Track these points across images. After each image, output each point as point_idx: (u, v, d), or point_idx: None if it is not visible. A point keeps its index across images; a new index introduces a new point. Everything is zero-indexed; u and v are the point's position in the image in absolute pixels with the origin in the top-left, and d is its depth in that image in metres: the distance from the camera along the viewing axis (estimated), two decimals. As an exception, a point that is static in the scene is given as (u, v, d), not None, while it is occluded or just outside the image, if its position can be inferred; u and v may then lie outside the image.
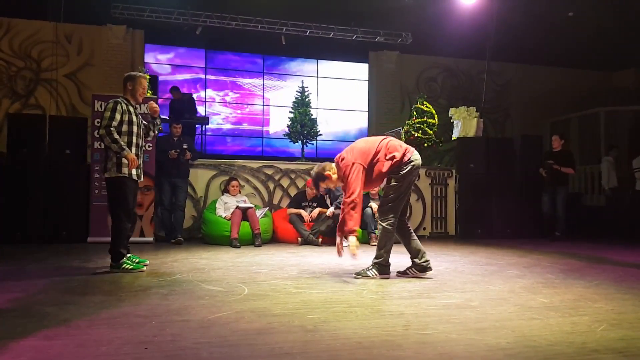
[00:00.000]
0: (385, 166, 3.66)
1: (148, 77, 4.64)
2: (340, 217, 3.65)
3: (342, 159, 3.71)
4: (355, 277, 3.73)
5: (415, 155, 3.72)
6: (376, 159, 3.66)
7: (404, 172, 3.66)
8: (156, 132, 4.48)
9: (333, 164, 3.82)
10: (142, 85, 4.19)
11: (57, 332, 2.23)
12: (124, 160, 3.98)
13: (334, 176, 3.78)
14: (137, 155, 4.09)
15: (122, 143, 3.97)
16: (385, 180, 3.76)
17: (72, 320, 2.44)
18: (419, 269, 3.79)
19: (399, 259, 4.10)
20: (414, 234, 3.86)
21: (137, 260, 4.14)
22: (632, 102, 11.25)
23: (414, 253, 3.80)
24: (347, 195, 3.58)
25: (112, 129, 3.95)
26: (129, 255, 4.10)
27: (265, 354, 1.95)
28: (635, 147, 10.16)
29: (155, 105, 4.38)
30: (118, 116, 3.99)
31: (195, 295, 3.07)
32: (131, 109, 4.12)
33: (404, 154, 3.68)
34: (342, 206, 3.64)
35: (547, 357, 1.95)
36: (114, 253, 4.00)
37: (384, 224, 3.71)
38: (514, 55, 11.58)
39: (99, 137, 4.33)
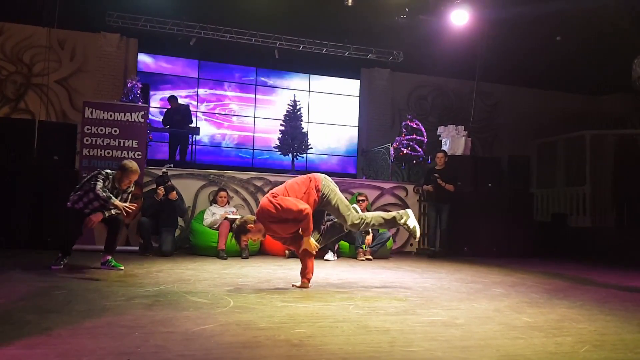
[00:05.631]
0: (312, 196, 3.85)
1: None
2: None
3: (260, 209, 3.78)
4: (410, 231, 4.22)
5: (318, 175, 4.02)
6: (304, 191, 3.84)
7: (323, 190, 3.91)
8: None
9: (253, 217, 3.88)
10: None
11: (37, 341, 2.19)
12: None
13: (255, 228, 3.82)
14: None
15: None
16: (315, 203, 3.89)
17: (53, 329, 2.40)
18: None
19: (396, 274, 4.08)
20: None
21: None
22: (618, 126, 11.46)
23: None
24: (299, 215, 3.66)
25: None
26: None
27: (249, 367, 1.94)
28: (620, 169, 10.34)
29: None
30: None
31: (180, 306, 3.04)
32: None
33: (315, 184, 3.91)
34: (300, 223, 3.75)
35: (530, 376, 1.96)
36: None
37: (362, 228, 4.05)
38: (503, 77, 11.78)
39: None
